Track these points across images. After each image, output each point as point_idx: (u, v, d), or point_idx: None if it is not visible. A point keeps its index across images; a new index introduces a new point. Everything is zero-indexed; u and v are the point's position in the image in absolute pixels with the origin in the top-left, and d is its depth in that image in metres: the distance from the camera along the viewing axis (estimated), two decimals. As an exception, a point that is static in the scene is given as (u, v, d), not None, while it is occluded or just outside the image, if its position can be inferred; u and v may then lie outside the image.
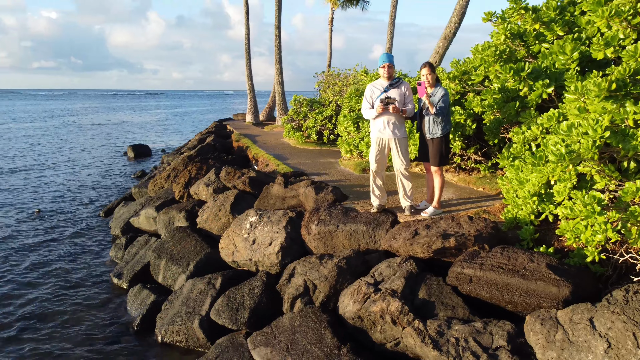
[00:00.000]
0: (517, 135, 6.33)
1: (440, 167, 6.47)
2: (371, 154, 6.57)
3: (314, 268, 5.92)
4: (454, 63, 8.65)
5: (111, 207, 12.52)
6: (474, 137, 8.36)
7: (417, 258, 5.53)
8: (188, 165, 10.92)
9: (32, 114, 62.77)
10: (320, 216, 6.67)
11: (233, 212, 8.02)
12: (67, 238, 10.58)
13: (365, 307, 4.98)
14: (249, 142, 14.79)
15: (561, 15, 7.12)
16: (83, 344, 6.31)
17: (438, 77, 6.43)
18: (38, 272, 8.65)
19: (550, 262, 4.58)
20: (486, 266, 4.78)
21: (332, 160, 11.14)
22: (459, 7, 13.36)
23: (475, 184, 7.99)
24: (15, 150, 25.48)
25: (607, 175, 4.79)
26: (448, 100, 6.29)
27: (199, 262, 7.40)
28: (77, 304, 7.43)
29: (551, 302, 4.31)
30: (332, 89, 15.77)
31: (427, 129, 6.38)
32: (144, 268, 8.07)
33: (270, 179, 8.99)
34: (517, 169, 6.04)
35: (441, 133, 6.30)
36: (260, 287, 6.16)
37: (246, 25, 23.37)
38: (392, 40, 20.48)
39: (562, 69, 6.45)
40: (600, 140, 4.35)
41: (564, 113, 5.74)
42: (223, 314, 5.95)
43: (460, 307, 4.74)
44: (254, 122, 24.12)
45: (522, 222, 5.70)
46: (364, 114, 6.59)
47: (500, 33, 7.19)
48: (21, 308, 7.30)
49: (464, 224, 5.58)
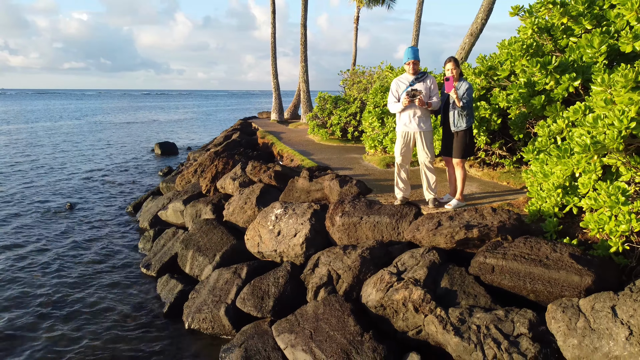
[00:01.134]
0: (543, 129, 6.31)
1: (463, 159, 6.55)
2: (396, 147, 6.65)
3: (338, 258, 6.01)
4: (479, 59, 8.64)
5: (139, 201, 12.83)
6: (499, 132, 8.34)
7: (440, 249, 5.58)
8: (215, 160, 11.14)
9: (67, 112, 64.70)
10: (344, 208, 6.77)
11: (259, 205, 8.18)
12: (97, 231, 10.90)
13: (387, 296, 5.06)
14: (274, 138, 14.96)
15: (590, 9, 7.05)
16: (114, 328, 6.56)
17: (462, 71, 6.52)
18: (70, 262, 8.95)
19: (573, 252, 4.58)
20: (509, 256, 4.80)
21: (357, 156, 11.22)
22: (486, 3, 13.28)
23: (500, 178, 7.98)
24: (52, 147, 26.24)
25: (632, 167, 4.76)
26: (472, 93, 6.39)
27: (225, 253, 7.57)
28: (109, 292, 7.68)
29: (573, 291, 4.32)
30: (357, 87, 15.84)
31: (452, 122, 6.48)
32: (172, 259, 8.29)
33: (295, 174, 9.12)
34: (541, 162, 6.03)
35: (466, 126, 6.41)
36: (285, 276, 6.28)
37: (272, 25, 23.60)
38: (417, 39, 20.42)
39: (589, 63, 6.41)
40: (626, 131, 4.34)
41: (590, 106, 5.71)
42: (248, 302, 6.09)
43: (482, 296, 4.78)
44: (278, 119, 24.34)
45: (546, 214, 5.70)
46: (390, 107, 6.67)
47: (528, 27, 7.16)
48: (55, 294, 7.59)
49: (487, 216, 5.60)
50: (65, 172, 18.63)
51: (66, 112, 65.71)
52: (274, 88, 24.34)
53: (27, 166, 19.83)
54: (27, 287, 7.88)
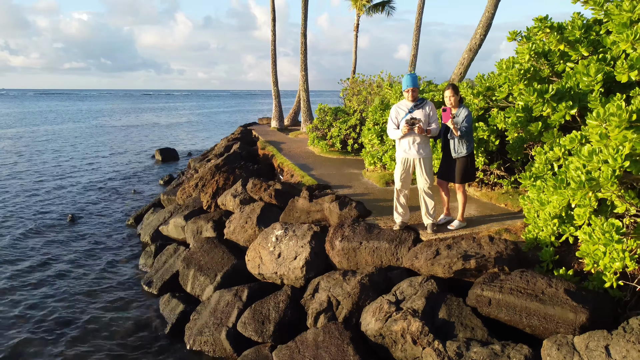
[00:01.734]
0: (540, 156, 6.40)
1: (463, 184, 6.69)
2: (396, 173, 6.76)
3: (338, 284, 6.10)
4: (478, 78, 8.72)
5: (140, 213, 12.92)
6: (497, 152, 8.42)
7: (438, 277, 5.67)
8: (215, 175, 11.23)
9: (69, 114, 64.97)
10: (344, 232, 6.86)
11: (259, 225, 8.27)
12: (98, 245, 10.98)
13: (386, 326, 5.15)
14: (274, 150, 15.05)
15: (586, 35, 7.15)
16: (116, 348, 6.67)
17: (462, 97, 6.66)
18: (71, 279, 9.04)
19: (568, 288, 4.67)
20: (505, 289, 4.90)
21: (356, 172, 11.31)
22: (484, 19, 13.37)
23: (498, 199, 8.06)
24: (52, 153, 26.33)
25: (627, 202, 4.85)
26: (471, 120, 6.55)
27: (226, 273, 7.66)
28: (110, 310, 7.77)
29: (568, 327, 4.41)
30: (357, 98, 15.93)
31: (452, 148, 6.66)
32: (173, 277, 8.38)
33: (295, 191, 9.21)
34: (538, 189, 6.11)
35: (466, 152, 6.60)
36: (285, 301, 6.37)
37: (273, 32, 23.69)
38: (418, 39, 20.43)
39: (586, 90, 6.50)
40: (619, 170, 4.43)
41: (586, 135, 5.80)
42: (249, 327, 6.19)
43: (479, 328, 4.86)
44: (278, 127, 24.43)
45: (542, 243, 5.79)
46: (389, 134, 6.77)
47: (525, 53, 7.25)
48: (54, 312, 7.69)
49: (484, 245, 5.69)
50: (66, 180, 18.72)
51: (67, 115, 65.91)
52: (275, 96, 24.43)
53: (27, 174, 19.92)
54: (26, 304, 7.97)
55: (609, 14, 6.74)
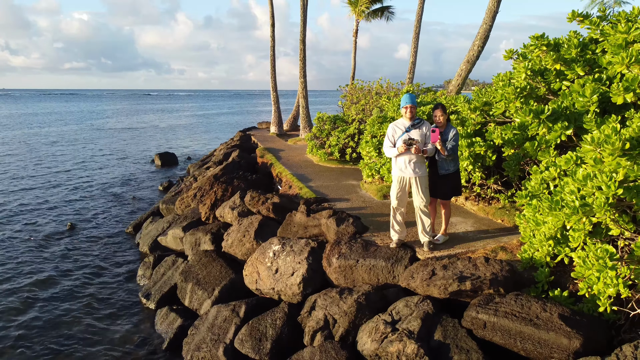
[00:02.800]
0: (535, 175, 6.44)
1: (449, 199, 7.12)
2: (392, 192, 6.80)
3: (334, 302, 6.14)
4: (475, 92, 8.76)
5: (139, 221, 12.95)
6: (494, 167, 8.46)
7: (434, 297, 5.71)
8: (214, 186, 11.27)
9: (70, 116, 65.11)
10: (341, 250, 6.90)
11: (257, 239, 8.31)
12: (97, 254, 11.02)
13: (382, 347, 5.19)
14: (272, 158, 15.10)
15: (582, 53, 7.19)
16: (114, 365, 6.70)
17: (449, 117, 6.92)
18: (69, 290, 9.08)
19: (562, 312, 4.71)
20: (500, 312, 4.94)
21: (354, 183, 11.35)
22: (482, 32, 13.41)
23: (494, 215, 8.11)
24: (52, 158, 26.38)
25: (621, 227, 4.90)
26: (458, 139, 6.95)
27: (224, 288, 7.70)
28: (107, 323, 7.82)
29: (562, 353, 4.46)
30: (355, 107, 15.98)
31: (439, 166, 6.89)
32: (171, 289, 8.42)
33: (293, 205, 9.25)
34: (534, 208, 6.16)
35: (454, 169, 6.92)
36: (282, 318, 6.41)
37: (272, 37, 23.74)
38: (417, 39, 20.44)
39: (581, 110, 6.54)
40: (613, 198, 4.47)
41: (581, 157, 5.85)
42: (246, 344, 6.22)
43: (474, 351, 4.90)
44: (278, 133, 24.48)
45: (538, 263, 5.83)
46: (385, 152, 6.82)
47: (521, 72, 7.30)
48: (50, 324, 7.74)
49: (480, 266, 5.74)
50: (65, 186, 18.75)
51: (68, 116, 66.05)
52: (274, 101, 24.48)
53: (27, 179, 19.96)
54: (20, 315, 8.01)
55: (605, 34, 6.80)
